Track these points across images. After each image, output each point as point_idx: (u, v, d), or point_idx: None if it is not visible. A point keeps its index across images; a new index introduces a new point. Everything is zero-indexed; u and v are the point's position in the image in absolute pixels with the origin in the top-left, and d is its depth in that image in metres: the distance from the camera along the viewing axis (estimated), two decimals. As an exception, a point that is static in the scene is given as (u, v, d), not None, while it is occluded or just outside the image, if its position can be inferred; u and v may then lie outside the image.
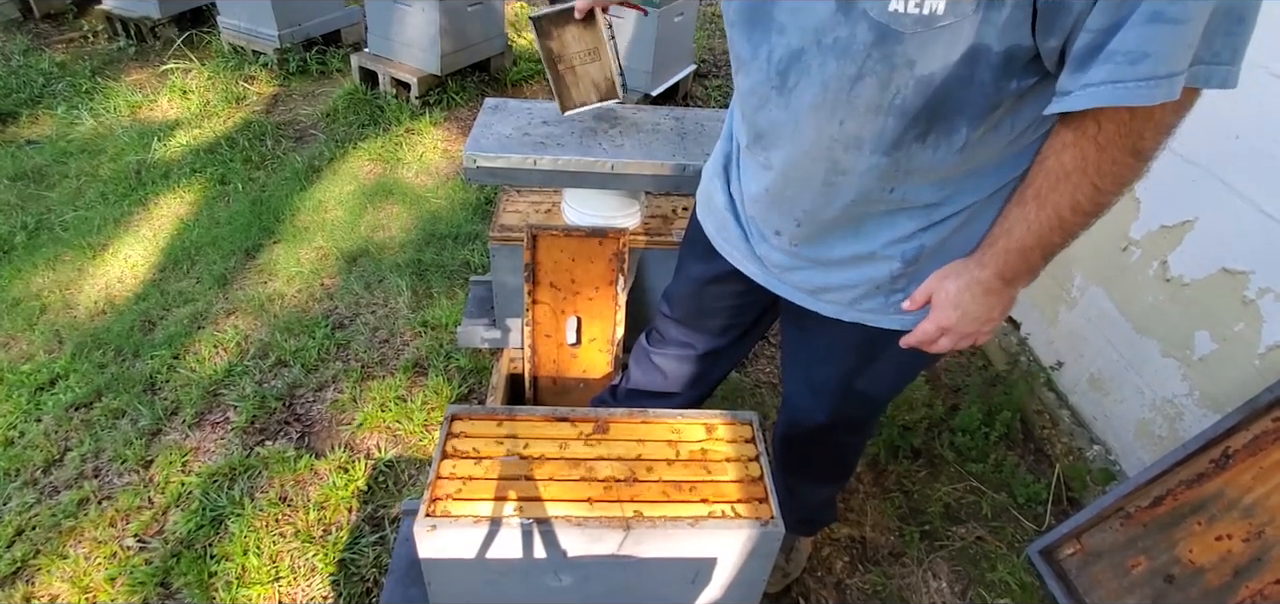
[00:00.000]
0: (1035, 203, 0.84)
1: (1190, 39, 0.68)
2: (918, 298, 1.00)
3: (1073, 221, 0.83)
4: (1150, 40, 0.68)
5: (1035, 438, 2.13)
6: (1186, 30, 0.68)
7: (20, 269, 2.58)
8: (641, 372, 1.53)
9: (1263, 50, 1.51)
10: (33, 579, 1.65)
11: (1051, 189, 0.82)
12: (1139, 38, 0.68)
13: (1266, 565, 1.36)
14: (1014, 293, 0.94)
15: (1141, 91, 0.69)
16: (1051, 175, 0.82)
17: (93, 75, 3.94)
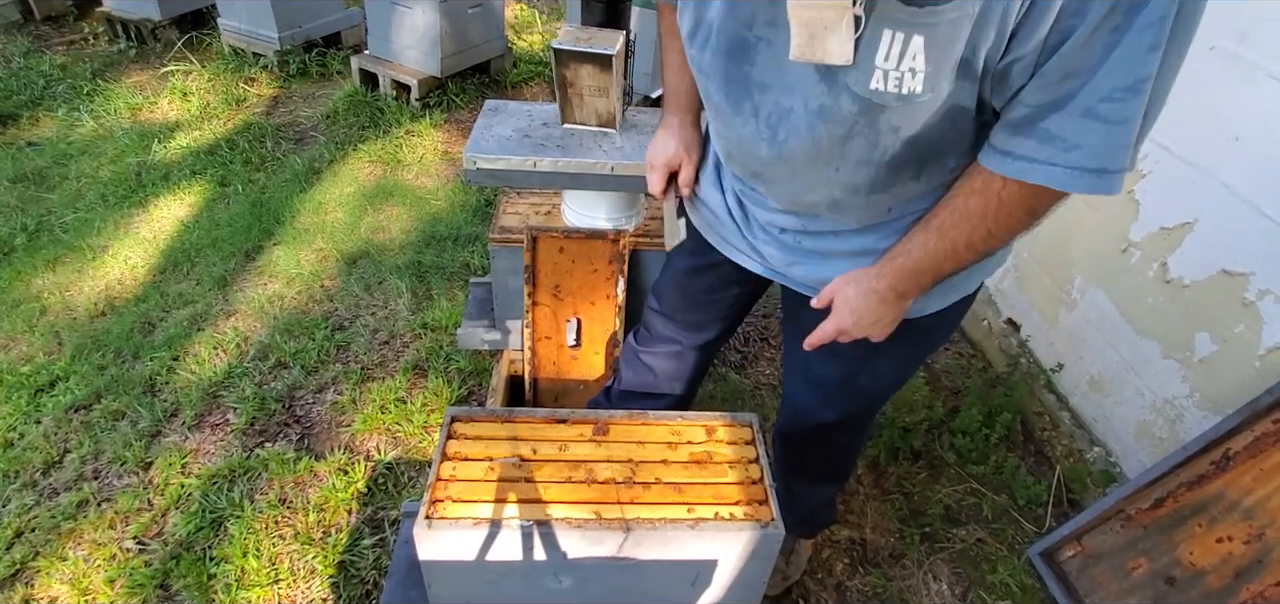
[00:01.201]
0: (937, 233, 0.90)
1: (1124, 139, 0.71)
2: (822, 298, 1.06)
3: (964, 255, 0.89)
4: (1083, 134, 0.71)
5: (1036, 440, 2.13)
6: (1120, 132, 0.70)
7: (20, 271, 2.58)
8: (633, 372, 1.52)
9: (1262, 52, 1.51)
10: (32, 581, 1.65)
11: (953, 225, 0.88)
12: (1075, 129, 0.71)
13: (1267, 567, 1.36)
14: (906, 303, 1.00)
15: (1073, 179, 0.73)
16: (956, 213, 0.87)
17: (93, 77, 3.94)
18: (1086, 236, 2.01)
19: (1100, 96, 0.69)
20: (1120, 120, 0.69)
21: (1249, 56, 1.54)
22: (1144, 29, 0.64)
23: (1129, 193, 1.87)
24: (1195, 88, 1.68)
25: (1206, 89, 1.65)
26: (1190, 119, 1.70)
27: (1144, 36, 0.65)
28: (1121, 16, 0.64)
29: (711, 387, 2.24)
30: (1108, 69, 0.67)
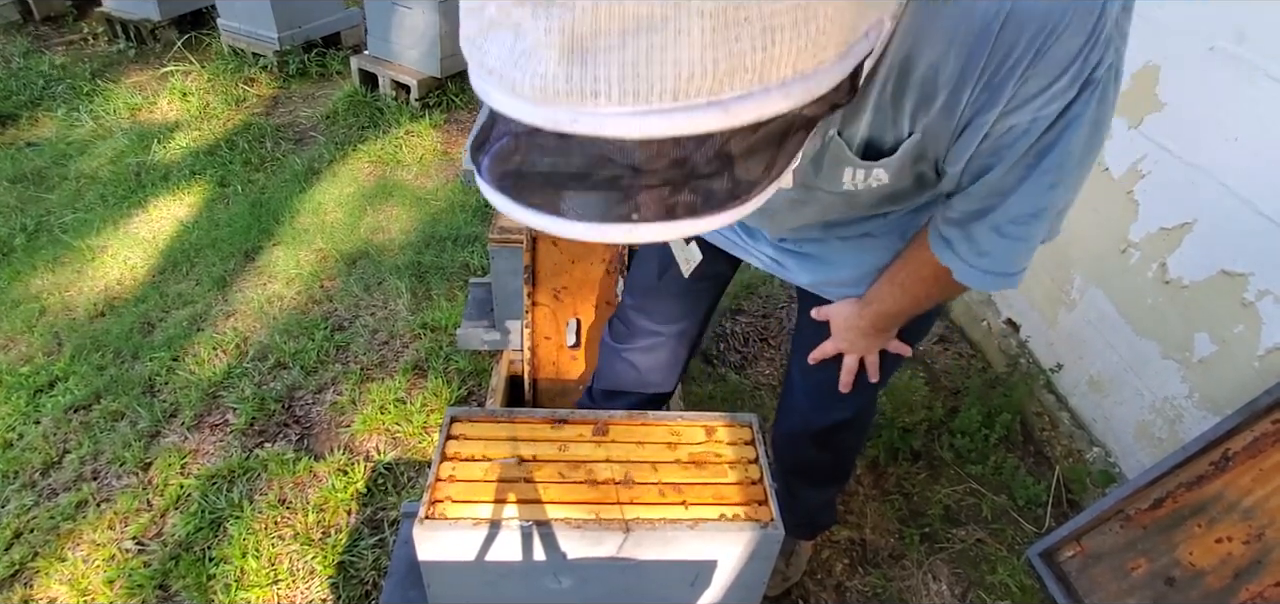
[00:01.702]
0: (900, 288, 1.05)
1: (1024, 253, 0.87)
2: (822, 314, 1.20)
3: (925, 303, 1.07)
4: (993, 245, 0.86)
5: (1035, 440, 2.13)
6: (1021, 247, 0.85)
7: (20, 271, 2.58)
8: (613, 371, 1.50)
9: (1262, 52, 1.51)
10: (31, 581, 1.65)
11: (912, 284, 1.03)
12: (987, 240, 0.86)
13: (1266, 568, 1.36)
14: (890, 332, 1.15)
15: (980, 278, 0.90)
16: (913, 276, 1.02)
17: (93, 77, 3.94)
18: (1086, 237, 2.01)
19: (1008, 219, 0.82)
20: (1021, 238, 0.84)
21: (1249, 56, 1.54)
22: (1045, 172, 0.76)
23: (1128, 193, 1.87)
24: (1195, 88, 1.68)
25: (1206, 89, 1.65)
26: (1190, 119, 1.70)
27: (1045, 178, 0.76)
28: (1026, 166, 0.76)
29: (711, 387, 2.24)
30: (1015, 199, 0.80)
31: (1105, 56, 0.67)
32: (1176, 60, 1.73)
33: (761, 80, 0.46)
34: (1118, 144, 1.91)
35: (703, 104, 0.46)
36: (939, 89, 0.70)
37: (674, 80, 0.44)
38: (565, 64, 0.45)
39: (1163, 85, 1.77)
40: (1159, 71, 1.77)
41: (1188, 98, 1.72)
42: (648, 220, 0.52)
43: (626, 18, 0.43)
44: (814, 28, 0.47)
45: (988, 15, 0.65)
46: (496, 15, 0.47)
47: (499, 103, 0.49)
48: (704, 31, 0.44)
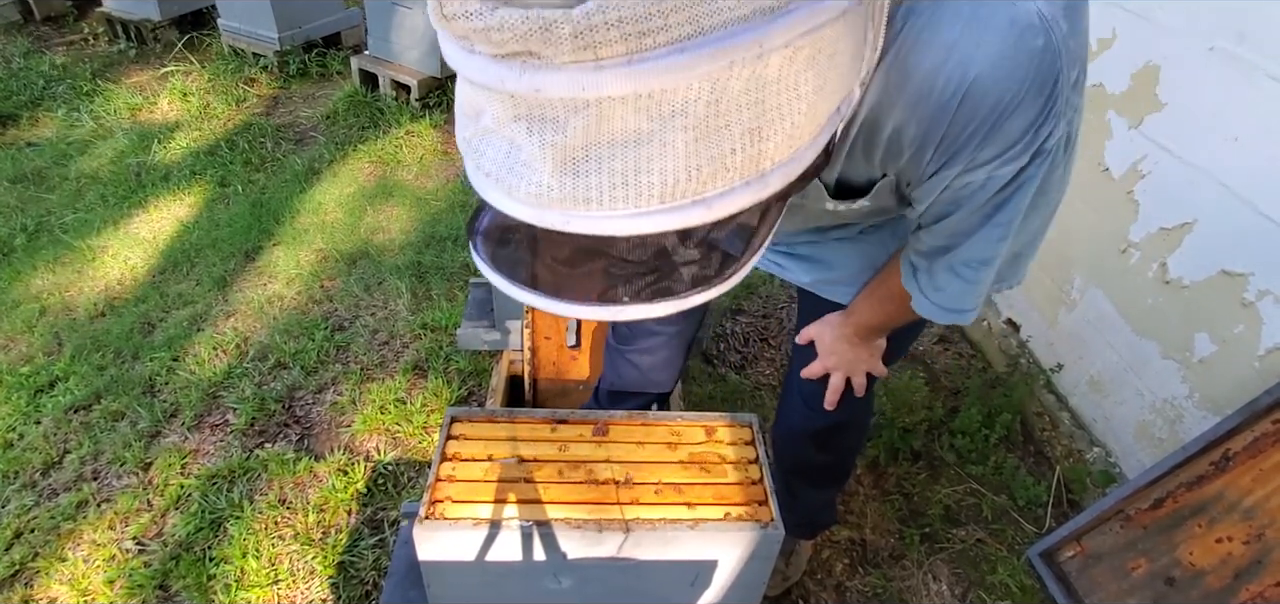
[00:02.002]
0: (878, 303, 1.10)
1: (975, 295, 0.92)
2: (806, 335, 1.23)
3: (897, 321, 1.11)
4: (948, 283, 0.91)
5: (1035, 440, 2.13)
6: (972, 289, 0.91)
7: (20, 271, 2.58)
8: (618, 372, 1.53)
9: (1262, 52, 1.51)
10: (31, 582, 1.65)
11: (886, 302, 1.07)
12: (944, 278, 0.91)
13: (1267, 568, 1.36)
14: (875, 341, 1.18)
15: (934, 311, 0.96)
16: (886, 295, 1.07)
17: (93, 77, 3.94)
18: (1086, 237, 2.01)
19: (962, 262, 0.88)
20: (974, 281, 0.89)
21: (1249, 56, 1.54)
22: (996, 225, 0.81)
23: (1128, 193, 1.87)
24: (1195, 88, 1.68)
25: (1206, 89, 1.65)
26: (1190, 119, 1.70)
27: (995, 231, 0.82)
28: (982, 216, 0.81)
29: (711, 387, 2.24)
30: (969, 246, 0.85)
31: (1056, 129, 0.71)
32: (1176, 60, 1.73)
33: (742, 176, 0.49)
34: (1118, 144, 1.91)
35: (687, 204, 0.48)
36: (904, 148, 0.74)
37: (660, 186, 0.47)
38: (558, 176, 0.47)
39: (1163, 85, 1.77)
40: (1159, 71, 1.77)
41: (1188, 98, 1.71)
42: (639, 302, 0.55)
43: (614, 135, 0.45)
44: (789, 123, 0.49)
45: (946, 92, 0.67)
46: (492, 125, 0.50)
47: (496, 202, 0.52)
48: (687, 142, 0.46)
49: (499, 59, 0.45)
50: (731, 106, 0.46)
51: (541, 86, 0.44)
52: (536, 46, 0.43)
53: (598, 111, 0.45)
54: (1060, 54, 0.66)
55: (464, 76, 0.50)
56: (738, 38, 0.44)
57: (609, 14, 0.41)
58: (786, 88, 0.48)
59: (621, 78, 0.43)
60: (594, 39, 0.42)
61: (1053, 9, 0.65)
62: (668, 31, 0.42)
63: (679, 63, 0.43)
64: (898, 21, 0.65)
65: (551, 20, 0.42)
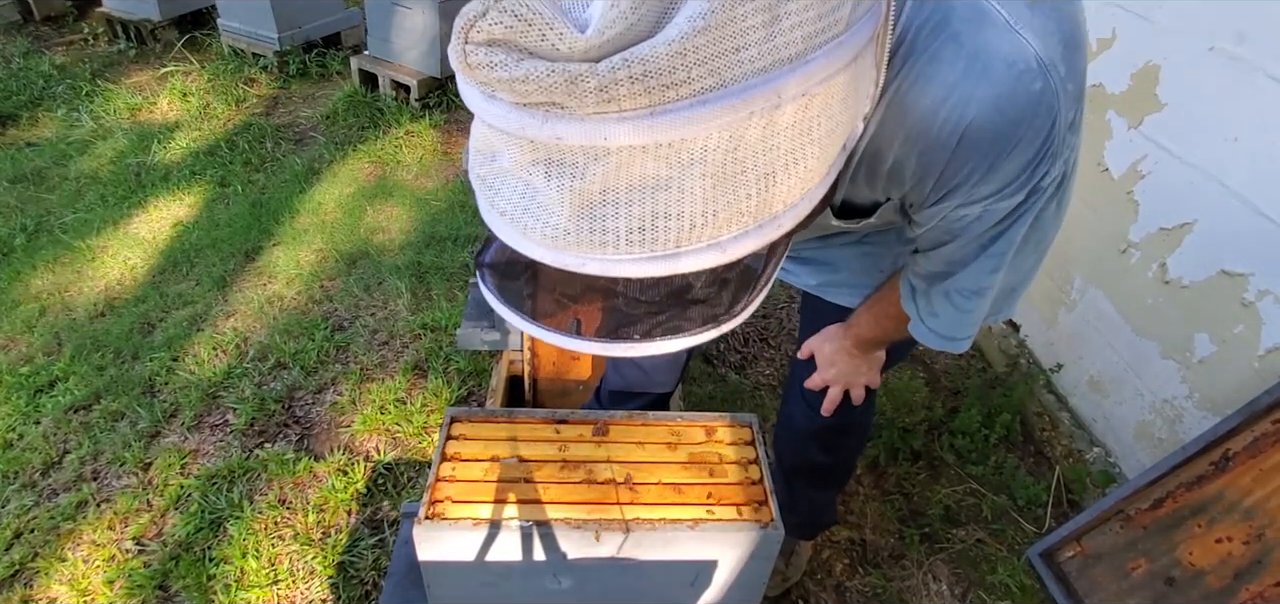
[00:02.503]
0: (877, 317, 1.11)
1: (969, 323, 0.93)
2: (806, 350, 1.25)
3: (894, 336, 1.12)
4: (943, 309, 0.92)
5: (1035, 440, 2.13)
6: (966, 317, 0.92)
7: (19, 271, 2.58)
8: (620, 373, 1.53)
9: (1262, 52, 1.51)
10: (31, 582, 1.65)
11: (883, 318, 1.09)
12: (939, 303, 0.92)
13: (1267, 568, 1.36)
14: (874, 353, 1.20)
15: (929, 336, 0.97)
16: (884, 311, 1.08)
17: (93, 78, 3.94)
18: (1086, 237, 2.01)
19: (956, 290, 0.89)
20: (966, 310, 0.91)
21: (1248, 57, 1.54)
22: (990, 257, 0.83)
23: (1128, 193, 1.87)
24: (1195, 88, 1.68)
25: (1206, 89, 1.65)
26: (1190, 119, 1.70)
27: (988, 262, 0.84)
28: (977, 247, 0.83)
29: (711, 387, 2.24)
30: (964, 276, 0.87)
31: (1052, 168, 0.72)
32: (1176, 60, 1.73)
33: (756, 220, 0.50)
34: (1118, 144, 1.91)
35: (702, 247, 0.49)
36: (906, 179, 0.76)
37: (676, 232, 0.48)
38: (576, 220, 0.48)
39: (1163, 85, 1.77)
40: (1159, 71, 1.77)
41: (1188, 98, 1.72)
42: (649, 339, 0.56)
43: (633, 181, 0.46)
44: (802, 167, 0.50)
45: (944, 131, 0.68)
46: (509, 167, 0.50)
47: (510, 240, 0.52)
48: (704, 189, 0.47)
49: (521, 107, 0.45)
50: (748, 153, 0.47)
51: (562, 135, 0.45)
52: (561, 98, 0.43)
53: (618, 160, 0.45)
54: (1058, 96, 0.66)
55: (483, 120, 0.50)
56: (756, 89, 0.44)
57: (634, 68, 0.42)
58: (801, 133, 0.49)
59: (644, 129, 0.44)
60: (618, 92, 0.42)
61: (1051, 52, 0.65)
62: (691, 85, 0.43)
63: (700, 114, 0.44)
64: (898, 59, 0.66)
65: (577, 74, 0.42)
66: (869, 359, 1.20)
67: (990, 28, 0.65)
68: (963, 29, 0.65)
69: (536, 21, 0.42)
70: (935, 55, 0.65)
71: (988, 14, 0.65)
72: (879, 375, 1.24)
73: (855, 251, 1.12)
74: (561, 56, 0.43)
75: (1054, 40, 0.66)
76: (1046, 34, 0.65)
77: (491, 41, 0.44)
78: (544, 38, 0.42)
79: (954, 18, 0.65)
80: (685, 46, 0.42)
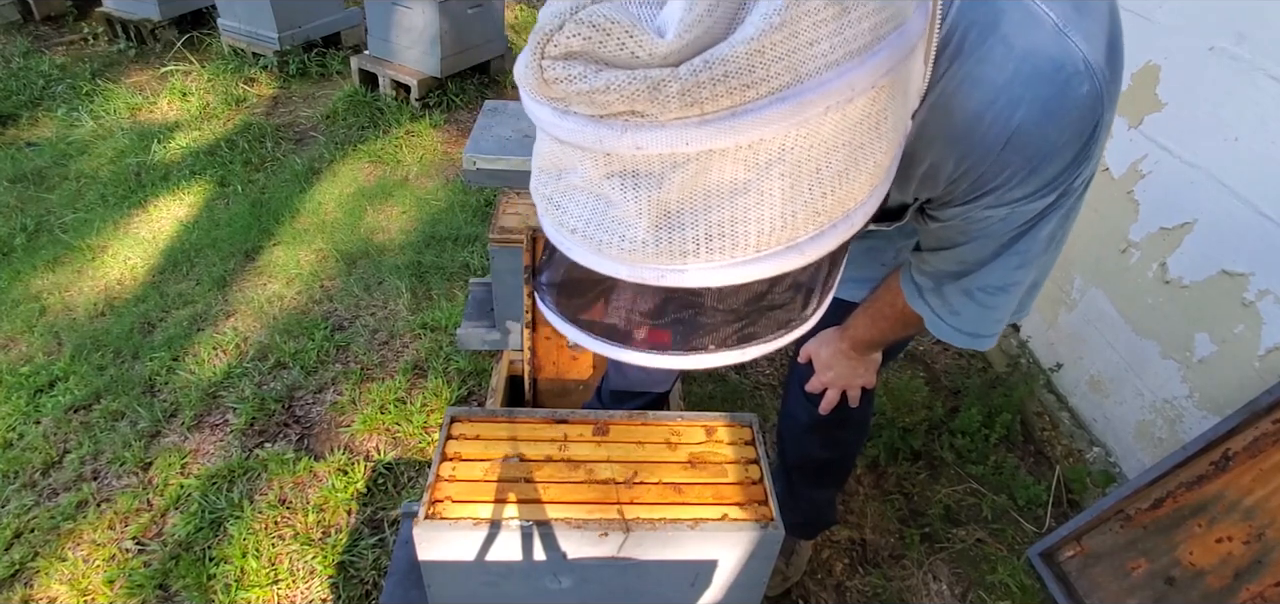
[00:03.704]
0: (873, 318, 1.10)
1: (994, 320, 0.90)
2: (804, 354, 1.25)
3: (891, 337, 1.12)
4: (964, 306, 0.90)
5: (1035, 440, 2.13)
6: (990, 314, 0.89)
7: (20, 271, 2.58)
8: (621, 373, 1.53)
9: (1262, 52, 1.51)
10: (31, 581, 1.65)
11: (882, 317, 1.08)
12: (959, 301, 0.90)
13: (1267, 568, 1.36)
14: (870, 355, 1.19)
15: (952, 335, 0.94)
16: (885, 310, 1.07)
17: (93, 77, 3.94)
18: (1086, 237, 2.01)
19: (978, 287, 0.87)
20: (990, 306, 0.89)
21: (1249, 56, 1.54)
22: (1015, 254, 0.81)
23: (1128, 193, 1.87)
24: (1195, 88, 1.68)
25: (1206, 89, 1.65)
26: (1190, 119, 1.70)
27: (1013, 259, 0.82)
28: (999, 246, 0.81)
29: (711, 387, 2.24)
30: (986, 272, 0.85)
31: (1085, 169, 0.72)
32: (1176, 60, 1.73)
33: (831, 219, 0.50)
34: (1118, 144, 1.91)
35: (781, 250, 0.49)
36: (940, 181, 0.75)
37: (757, 236, 0.47)
38: (655, 231, 0.47)
39: (1163, 85, 1.77)
40: (1159, 71, 1.77)
41: (1188, 98, 1.72)
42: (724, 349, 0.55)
43: (712, 186, 0.46)
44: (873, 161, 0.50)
45: (990, 134, 0.67)
46: (580, 183, 0.49)
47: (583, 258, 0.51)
48: (783, 189, 0.47)
49: (598, 119, 0.45)
50: (823, 150, 0.47)
51: (643, 144, 0.44)
52: (643, 106, 0.43)
53: (697, 166, 0.45)
54: (1102, 100, 0.66)
55: (552, 136, 0.49)
56: (831, 83, 0.44)
57: (715, 69, 0.42)
58: (871, 127, 0.49)
59: (725, 131, 0.44)
60: (701, 95, 0.42)
61: (1097, 55, 0.65)
62: (769, 81, 0.43)
63: (779, 111, 0.44)
64: (945, 59, 0.66)
65: (659, 79, 0.42)
66: (865, 361, 1.20)
67: (1040, 30, 0.64)
68: (1012, 32, 0.64)
69: (615, 29, 0.42)
70: (985, 57, 0.65)
71: (1037, 17, 0.65)
72: (876, 376, 1.24)
73: (859, 247, 1.11)
74: (641, 63, 0.42)
75: (1100, 43, 0.66)
76: (1093, 36, 0.65)
77: (569, 55, 0.44)
78: (623, 46, 0.42)
79: (1004, 21, 0.65)
80: (763, 44, 0.42)
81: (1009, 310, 0.89)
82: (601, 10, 0.42)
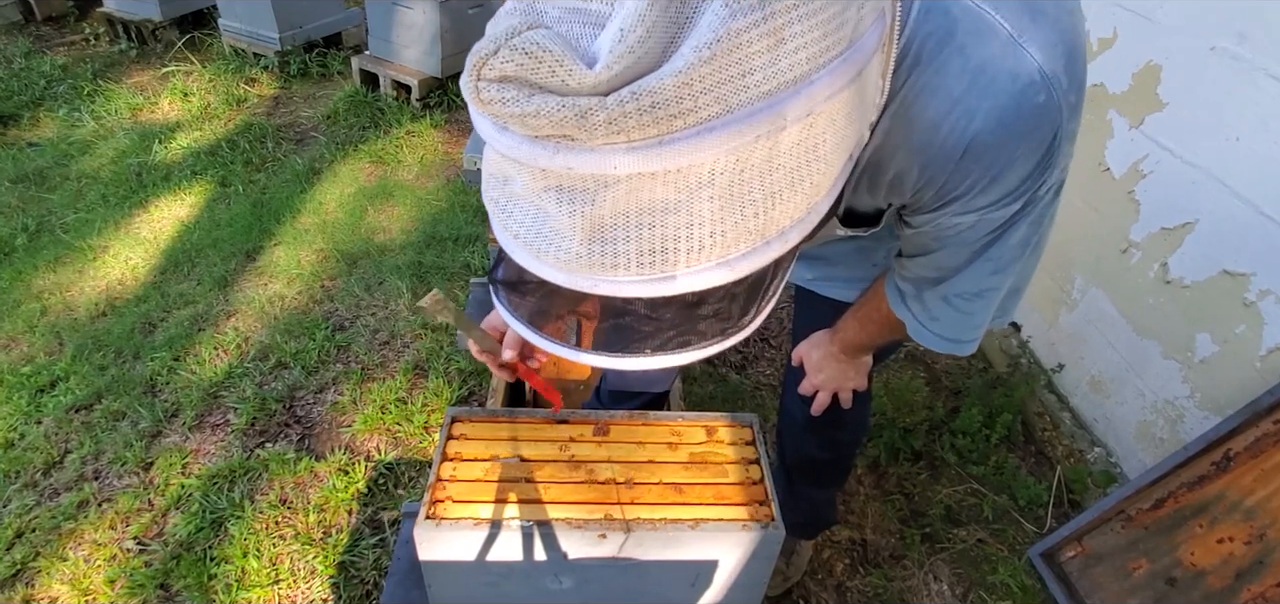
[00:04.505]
0: (862, 322, 1.11)
1: (972, 325, 0.92)
2: (796, 356, 1.26)
3: (879, 341, 1.13)
4: (942, 312, 0.91)
5: (1036, 440, 2.13)
6: (968, 319, 0.91)
7: (21, 271, 2.58)
8: (619, 374, 1.54)
9: (1263, 52, 1.51)
10: (32, 581, 1.65)
11: (870, 321, 1.09)
12: (937, 307, 0.91)
13: (1268, 568, 1.36)
14: (861, 358, 1.20)
15: (932, 340, 0.95)
16: (873, 314, 1.07)
17: (94, 77, 3.94)
18: (1087, 237, 2.01)
19: (955, 293, 0.88)
20: (968, 312, 0.90)
21: (1249, 56, 1.54)
22: (987, 261, 0.82)
23: (1129, 193, 1.87)
24: (1196, 88, 1.68)
25: (1206, 89, 1.65)
26: (1190, 119, 1.70)
27: (987, 266, 0.83)
28: (972, 253, 0.82)
29: (712, 387, 2.24)
30: (960, 279, 0.86)
31: (1049, 177, 0.73)
32: (1177, 60, 1.73)
33: (764, 237, 0.51)
34: (1118, 144, 1.90)
35: (712, 266, 0.50)
36: (907, 189, 0.77)
37: (686, 253, 0.49)
38: (587, 244, 0.49)
39: (1164, 85, 1.77)
40: (1160, 71, 1.77)
41: (1189, 98, 1.71)
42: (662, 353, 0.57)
43: (643, 205, 0.47)
44: (809, 183, 0.51)
45: (948, 144, 0.69)
46: (521, 192, 0.51)
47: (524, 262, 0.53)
48: (712, 211, 0.48)
49: (532, 139, 0.47)
50: (753, 174, 0.48)
51: (574, 165, 0.46)
52: (572, 132, 0.44)
53: (627, 186, 0.46)
54: (1060, 109, 0.67)
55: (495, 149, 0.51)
56: (761, 114, 0.45)
57: (642, 100, 0.43)
58: (805, 151, 0.49)
59: (651, 157, 0.45)
60: (627, 124, 0.43)
61: (1054, 64, 0.66)
62: (697, 112, 0.44)
63: (707, 140, 0.45)
64: (904, 70, 0.67)
65: (586, 108, 0.43)
66: (856, 364, 1.21)
67: (994, 41, 0.65)
68: (967, 42, 0.65)
69: (546, 58, 0.43)
70: (941, 67, 0.66)
71: (992, 27, 0.65)
72: (867, 379, 1.25)
73: (850, 247, 1.12)
74: (571, 91, 0.44)
75: (1057, 52, 0.66)
76: (1049, 46, 0.66)
77: (503, 78, 0.45)
78: (553, 74, 0.43)
79: (959, 31, 0.65)
80: (691, 76, 0.43)
81: (987, 316, 0.91)
82: (535, 37, 0.43)
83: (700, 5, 0.44)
